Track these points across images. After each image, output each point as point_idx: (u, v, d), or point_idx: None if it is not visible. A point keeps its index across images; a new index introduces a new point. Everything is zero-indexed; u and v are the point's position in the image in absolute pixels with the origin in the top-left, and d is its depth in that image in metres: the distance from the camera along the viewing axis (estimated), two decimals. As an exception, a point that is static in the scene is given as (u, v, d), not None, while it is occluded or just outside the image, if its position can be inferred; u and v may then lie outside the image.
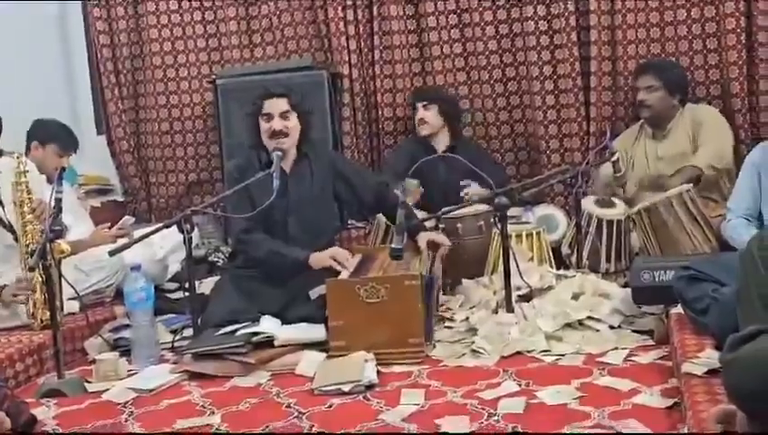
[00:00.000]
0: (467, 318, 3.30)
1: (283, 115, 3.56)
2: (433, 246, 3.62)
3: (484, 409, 2.48)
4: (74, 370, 3.19)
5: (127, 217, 4.11)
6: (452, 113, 4.56)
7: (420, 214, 3.99)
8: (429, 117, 4.51)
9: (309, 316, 3.27)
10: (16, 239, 3.44)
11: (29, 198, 3.39)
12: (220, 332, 3.20)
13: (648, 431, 2.22)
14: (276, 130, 3.53)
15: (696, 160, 3.89)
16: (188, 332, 3.38)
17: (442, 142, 4.53)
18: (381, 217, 4.06)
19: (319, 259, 3.38)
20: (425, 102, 4.53)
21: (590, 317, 3.17)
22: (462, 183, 4.25)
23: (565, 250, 3.96)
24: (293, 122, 3.58)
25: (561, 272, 3.61)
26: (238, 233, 3.56)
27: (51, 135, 4.08)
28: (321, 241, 3.58)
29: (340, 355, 3.00)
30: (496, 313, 3.30)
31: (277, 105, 3.56)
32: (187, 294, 3.30)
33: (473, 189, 4.21)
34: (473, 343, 3.09)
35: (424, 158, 3.72)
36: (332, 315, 3.06)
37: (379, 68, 4.84)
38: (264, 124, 3.57)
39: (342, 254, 3.40)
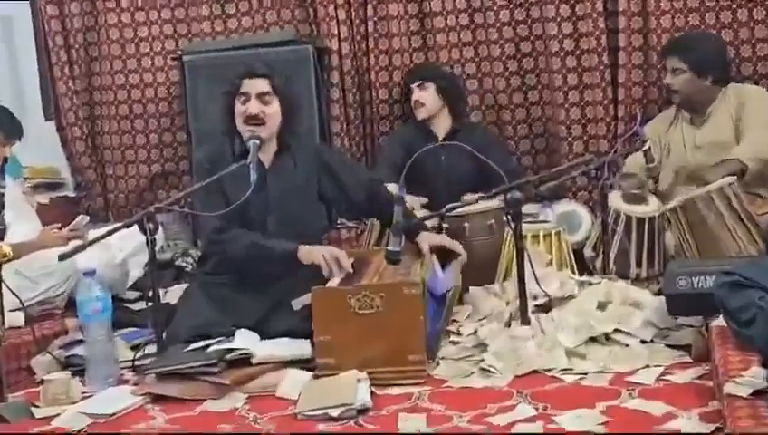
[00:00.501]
0: (476, 332, 3.31)
1: (262, 98, 3.56)
2: (441, 251, 3.62)
3: (495, 436, 2.49)
4: (19, 392, 3.19)
5: (81, 215, 4.11)
6: (453, 92, 4.58)
7: (421, 212, 4.00)
8: (426, 98, 4.53)
9: (292, 330, 3.28)
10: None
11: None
12: (189, 348, 3.21)
13: (685, 461, 2.24)
14: (252, 114, 3.54)
15: (739, 152, 3.88)
16: (152, 348, 3.38)
17: (443, 127, 4.55)
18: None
19: (309, 252, 3.39)
20: (420, 82, 4.55)
21: (617, 330, 3.17)
22: (465, 198, 4.24)
23: (589, 253, 3.97)
24: (273, 108, 3.58)
25: (585, 278, 3.62)
26: (209, 233, 3.56)
27: (-10, 121, 4.08)
28: (305, 243, 3.59)
29: (329, 375, 3.00)
30: (509, 325, 3.30)
31: (256, 85, 3.57)
32: (150, 304, 3.30)
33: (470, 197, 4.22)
34: (482, 360, 3.09)
35: (424, 146, 3.72)
36: (319, 329, 3.06)
37: (374, 42, 4.84)
38: (239, 106, 3.58)
39: (338, 253, 3.40)
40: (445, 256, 3.65)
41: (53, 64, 5.18)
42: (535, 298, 3.38)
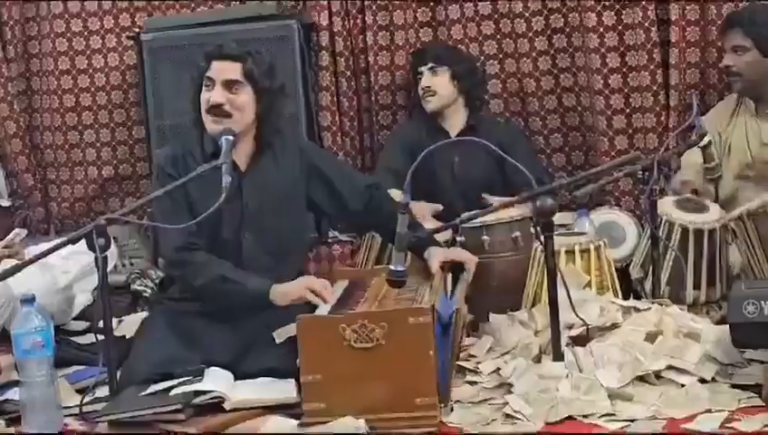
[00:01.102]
0: (498, 369, 3.30)
1: (229, 85, 3.56)
2: (450, 266, 3.62)
3: (522, 497, 2.49)
4: (-58, 446, 3.19)
5: (17, 229, 4.10)
6: (471, 81, 4.60)
7: (431, 223, 3.99)
8: (438, 85, 4.55)
9: (273, 368, 3.28)
10: None
11: None
12: (148, 390, 3.20)
13: None
14: (215, 104, 3.54)
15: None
16: (103, 390, 3.37)
17: (456, 122, 4.58)
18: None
19: (286, 292, 3.39)
20: (432, 65, 4.56)
21: (671, 367, 3.17)
22: (487, 198, 4.25)
23: (636, 272, 3.96)
24: (243, 98, 3.56)
25: (631, 303, 3.61)
26: (172, 251, 3.56)
27: None
28: (287, 264, 3.62)
29: (319, 422, 2.99)
30: (539, 361, 3.30)
31: (223, 70, 3.56)
32: (100, 337, 3.29)
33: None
34: (506, 404, 3.08)
35: (431, 145, 3.71)
36: (307, 366, 3.05)
37: (372, 16, 4.86)
38: (204, 93, 3.58)
39: (319, 284, 3.41)
40: (458, 273, 3.64)
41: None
42: (570, 328, 3.37)
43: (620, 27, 4.59)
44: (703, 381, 3.13)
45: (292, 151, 3.74)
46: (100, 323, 3.29)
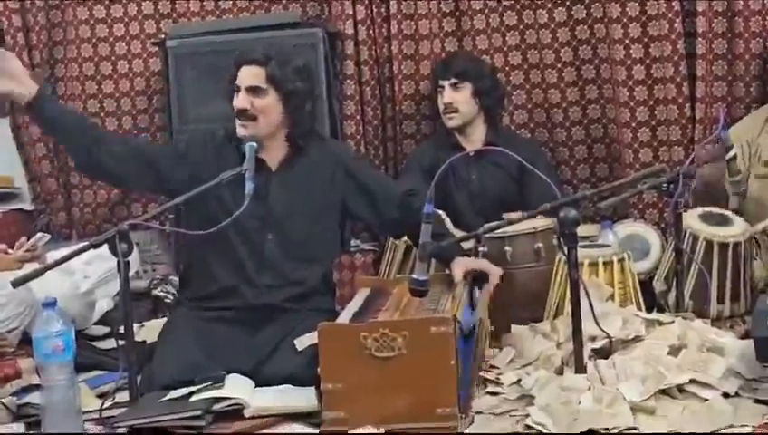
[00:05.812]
0: (519, 380, 3.29)
1: (254, 90, 3.59)
2: (474, 276, 3.61)
3: (542, 510, 2.47)
4: (-39, 448, 3.20)
5: (40, 233, 4.12)
6: (493, 97, 4.58)
7: (455, 233, 3.98)
8: (460, 102, 4.53)
9: (294, 375, 3.29)
10: None
11: None
12: (168, 396, 3.21)
13: None
14: (239, 108, 3.59)
15: None
16: (123, 396, 3.38)
17: (475, 139, 4.58)
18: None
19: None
20: (454, 80, 4.54)
21: (694, 381, 3.15)
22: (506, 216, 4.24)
23: (660, 285, 3.95)
24: (266, 101, 3.60)
25: (654, 316, 3.60)
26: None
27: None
28: (312, 271, 3.62)
29: (338, 431, 2.99)
30: (561, 373, 3.29)
31: (246, 75, 3.61)
32: (121, 342, 3.30)
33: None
34: (527, 415, 3.07)
35: (447, 160, 3.69)
36: (327, 375, 3.05)
37: (397, 25, 4.86)
38: (234, 100, 3.63)
39: None
40: (482, 284, 3.63)
41: (8, 50, 5.18)
42: (593, 340, 3.36)
43: (646, 39, 4.58)
44: (726, 395, 3.11)
45: (329, 157, 3.76)
46: (121, 329, 3.31)
